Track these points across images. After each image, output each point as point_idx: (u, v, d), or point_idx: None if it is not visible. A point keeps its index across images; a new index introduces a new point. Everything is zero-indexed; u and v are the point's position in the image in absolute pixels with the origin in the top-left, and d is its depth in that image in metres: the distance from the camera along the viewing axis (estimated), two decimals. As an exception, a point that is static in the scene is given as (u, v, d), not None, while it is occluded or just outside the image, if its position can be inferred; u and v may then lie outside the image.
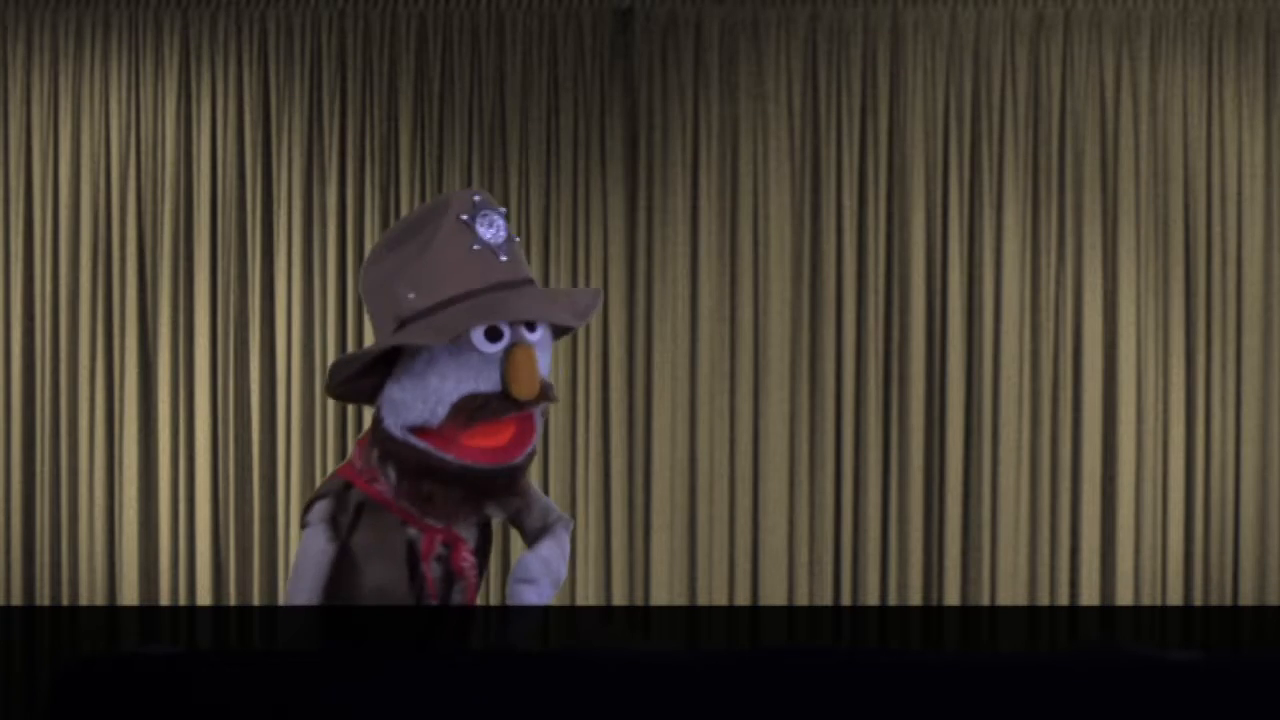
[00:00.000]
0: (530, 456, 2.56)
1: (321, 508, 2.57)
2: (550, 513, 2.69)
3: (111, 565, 5.96)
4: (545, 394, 2.55)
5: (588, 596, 5.91)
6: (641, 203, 5.98)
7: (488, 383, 2.50)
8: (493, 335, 2.51)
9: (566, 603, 5.93)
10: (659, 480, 5.94)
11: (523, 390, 2.48)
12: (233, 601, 5.94)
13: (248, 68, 5.98)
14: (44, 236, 5.99)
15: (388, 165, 5.98)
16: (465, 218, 2.52)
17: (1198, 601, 5.91)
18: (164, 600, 5.94)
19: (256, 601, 5.92)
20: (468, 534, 2.61)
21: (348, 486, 2.58)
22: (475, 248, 2.51)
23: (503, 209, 2.59)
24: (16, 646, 5.97)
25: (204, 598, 5.91)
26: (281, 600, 2.75)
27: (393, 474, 2.54)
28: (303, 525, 2.59)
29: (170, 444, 5.95)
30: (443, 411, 2.50)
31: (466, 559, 2.59)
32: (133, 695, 2.10)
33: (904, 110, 5.96)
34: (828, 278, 5.96)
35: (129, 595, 5.92)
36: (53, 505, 5.97)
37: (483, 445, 2.51)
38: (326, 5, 5.99)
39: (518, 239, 2.59)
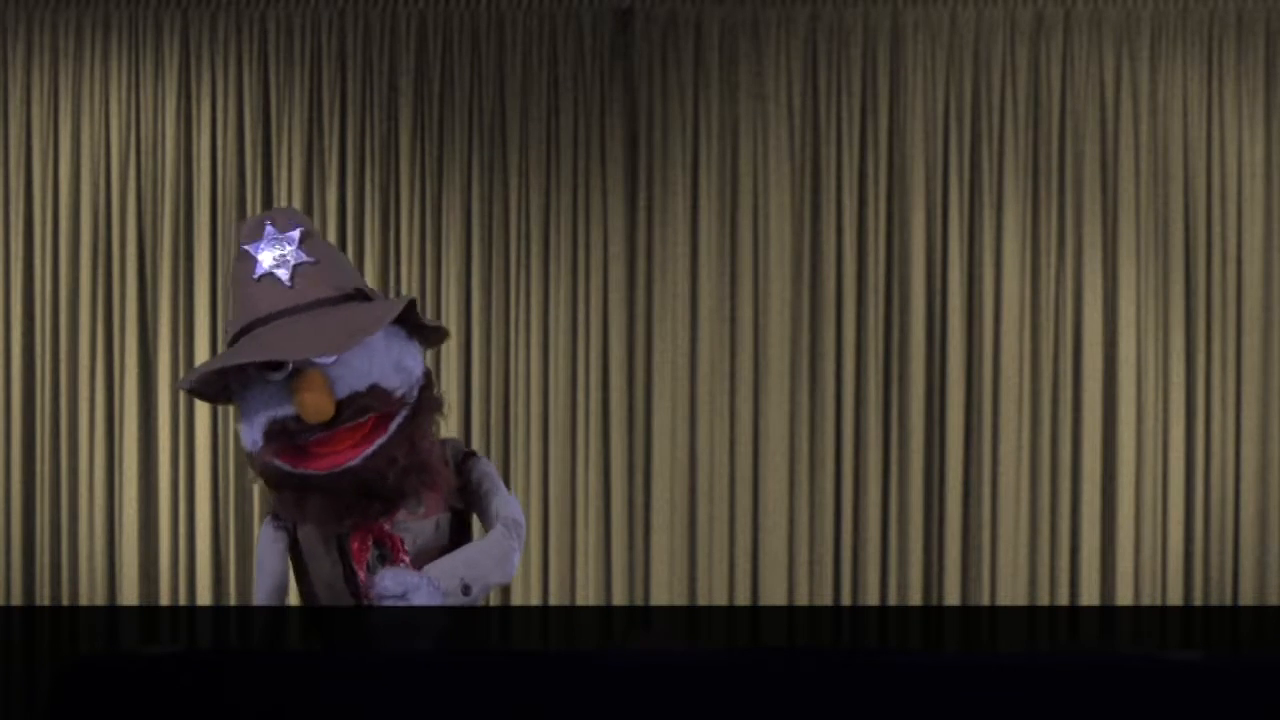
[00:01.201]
0: (376, 458, 2.58)
1: (269, 516, 2.75)
2: (499, 508, 2.73)
3: (111, 565, 5.96)
4: (363, 405, 2.58)
5: (588, 596, 5.90)
6: (641, 203, 5.98)
7: (283, 408, 2.57)
8: (272, 365, 2.57)
9: (567, 603, 5.93)
10: (659, 480, 5.94)
11: (307, 415, 2.54)
12: (233, 601, 5.93)
13: (248, 68, 5.98)
14: (44, 236, 5.99)
15: (388, 165, 5.97)
16: (247, 247, 2.60)
17: (1198, 601, 5.91)
18: (164, 600, 5.93)
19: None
20: (408, 534, 2.64)
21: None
22: (255, 277, 2.58)
23: (297, 229, 2.61)
24: (16, 646, 5.97)
25: (204, 598, 5.91)
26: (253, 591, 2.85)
27: (268, 488, 2.66)
28: None
29: (170, 444, 5.95)
30: (259, 438, 2.61)
31: (403, 560, 2.63)
32: (133, 695, 2.10)
33: (904, 110, 5.96)
34: (828, 278, 5.96)
35: (129, 595, 5.92)
36: (53, 505, 5.97)
37: (319, 454, 2.58)
38: (326, 5, 5.99)
39: (313, 259, 2.60)
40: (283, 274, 2.58)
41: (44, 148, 6.00)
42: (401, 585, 2.56)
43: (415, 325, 2.71)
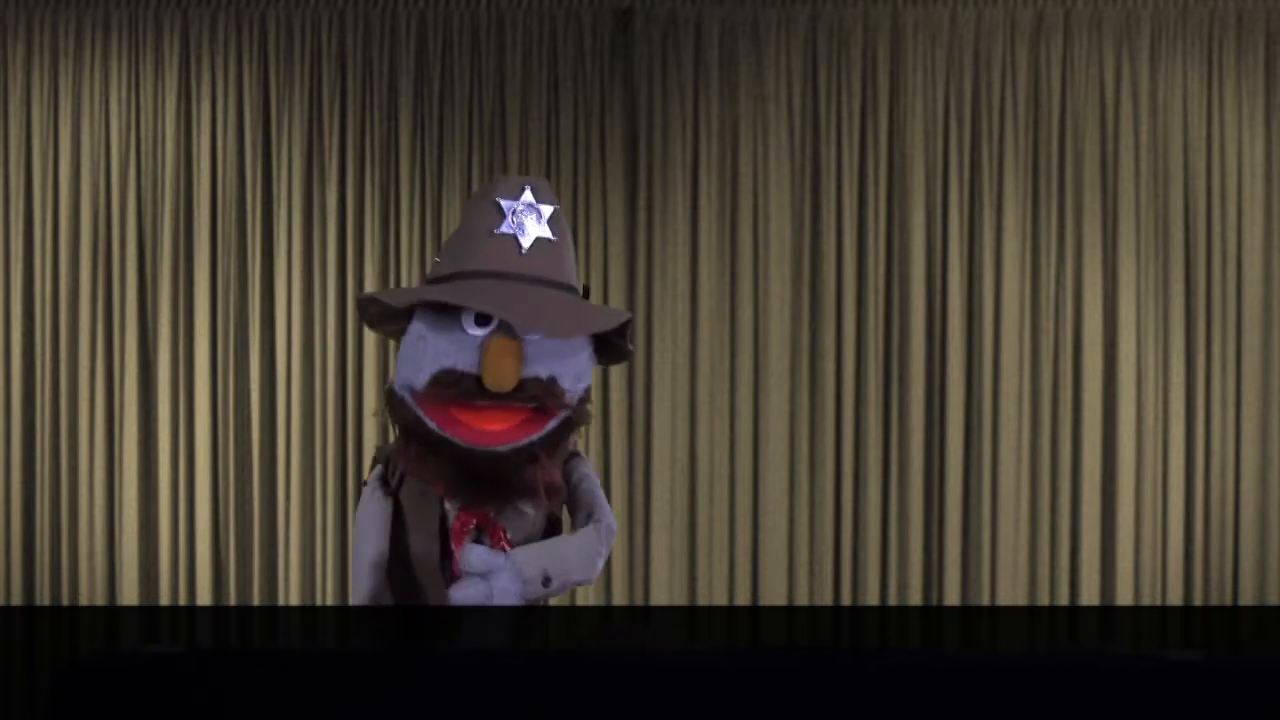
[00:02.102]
0: (523, 452, 2.56)
1: (377, 470, 2.67)
2: (594, 511, 2.71)
3: (111, 565, 5.96)
4: (544, 396, 2.56)
5: (588, 597, 5.90)
6: (641, 203, 5.98)
7: (466, 363, 2.55)
8: (481, 319, 2.54)
9: (567, 603, 5.93)
10: (659, 480, 5.94)
11: (489, 378, 2.52)
12: (233, 601, 5.93)
13: (248, 68, 5.98)
14: (44, 236, 5.99)
15: (388, 165, 5.98)
16: (500, 200, 2.57)
17: (1198, 601, 5.91)
18: (164, 600, 5.93)
19: (256, 601, 5.92)
20: (510, 521, 2.63)
21: (395, 453, 2.67)
22: (496, 231, 2.56)
23: (553, 206, 2.60)
24: (16, 646, 5.97)
25: (204, 598, 5.91)
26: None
27: (398, 433, 2.62)
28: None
29: (170, 444, 5.95)
30: (424, 378, 2.57)
31: (504, 546, 2.62)
32: (133, 695, 2.10)
33: (904, 110, 5.96)
34: (828, 278, 5.96)
35: (129, 595, 5.92)
36: (53, 505, 5.97)
37: (468, 423, 2.52)
38: (326, 5, 5.99)
39: (555, 239, 2.59)
40: (524, 241, 2.57)
41: (44, 148, 6.00)
42: (486, 563, 2.57)
43: (606, 340, 2.70)
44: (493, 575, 2.57)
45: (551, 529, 2.75)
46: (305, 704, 2.10)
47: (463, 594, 2.57)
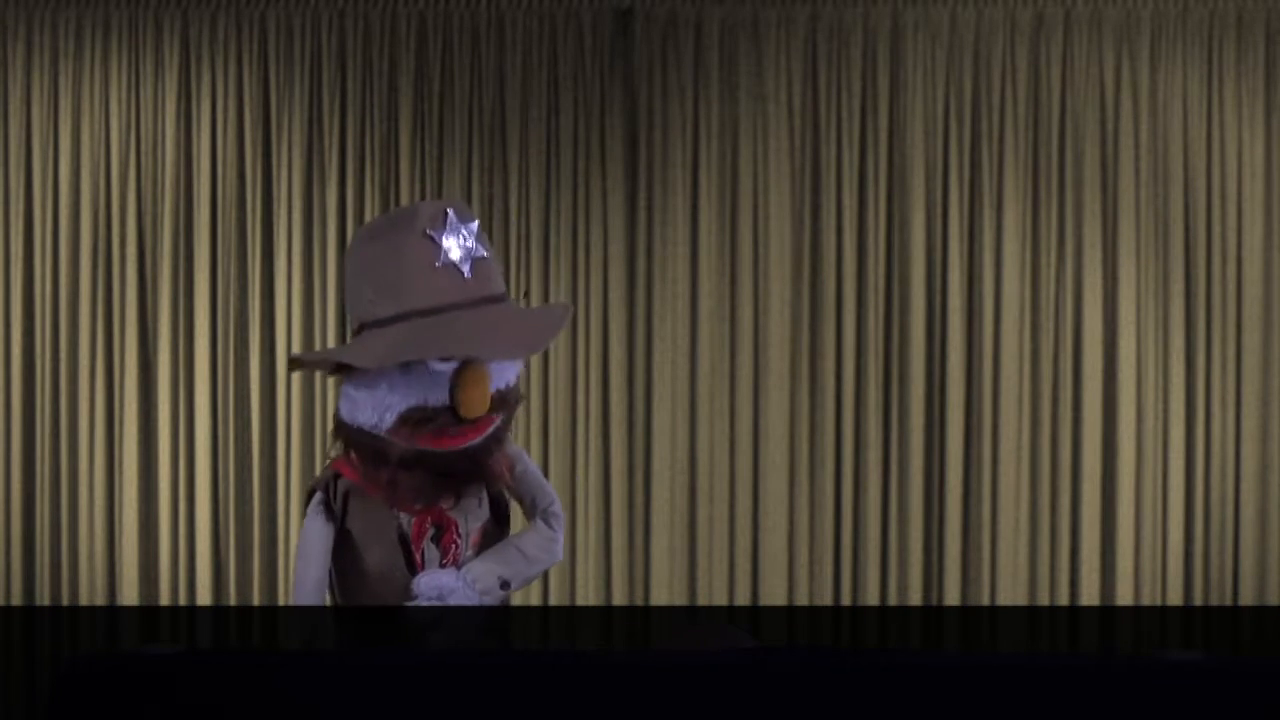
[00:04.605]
0: (488, 441, 2.59)
1: (318, 496, 2.68)
2: (538, 497, 2.76)
3: (111, 565, 5.96)
4: (502, 405, 2.58)
5: (588, 596, 5.91)
6: (641, 203, 5.98)
7: (436, 398, 2.56)
8: (444, 356, 2.55)
9: (567, 603, 5.93)
10: (659, 480, 5.94)
11: (470, 410, 2.55)
12: (233, 601, 5.94)
13: (248, 68, 5.98)
14: (44, 236, 5.99)
15: (388, 165, 5.98)
16: (431, 233, 2.54)
17: (1198, 601, 5.91)
18: (164, 600, 5.94)
19: (256, 601, 5.92)
20: (461, 515, 2.67)
21: (337, 475, 2.69)
22: (437, 264, 2.54)
23: (474, 222, 2.59)
24: (16, 646, 5.97)
25: (204, 598, 5.91)
26: (287, 586, 2.88)
27: (356, 462, 2.62)
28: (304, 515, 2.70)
29: (170, 444, 5.95)
30: (390, 419, 2.58)
31: (455, 541, 2.65)
32: (133, 695, 2.10)
33: (904, 110, 5.96)
34: (828, 278, 5.96)
35: (129, 595, 5.92)
36: (53, 505, 5.97)
37: (448, 435, 2.57)
38: (326, 5, 5.99)
39: (486, 254, 2.59)
40: (464, 267, 2.56)
41: (44, 148, 6.00)
42: (437, 589, 2.58)
43: None
44: (448, 596, 2.59)
45: (497, 506, 2.78)
46: (305, 704, 2.10)
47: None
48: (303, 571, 2.66)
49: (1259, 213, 5.94)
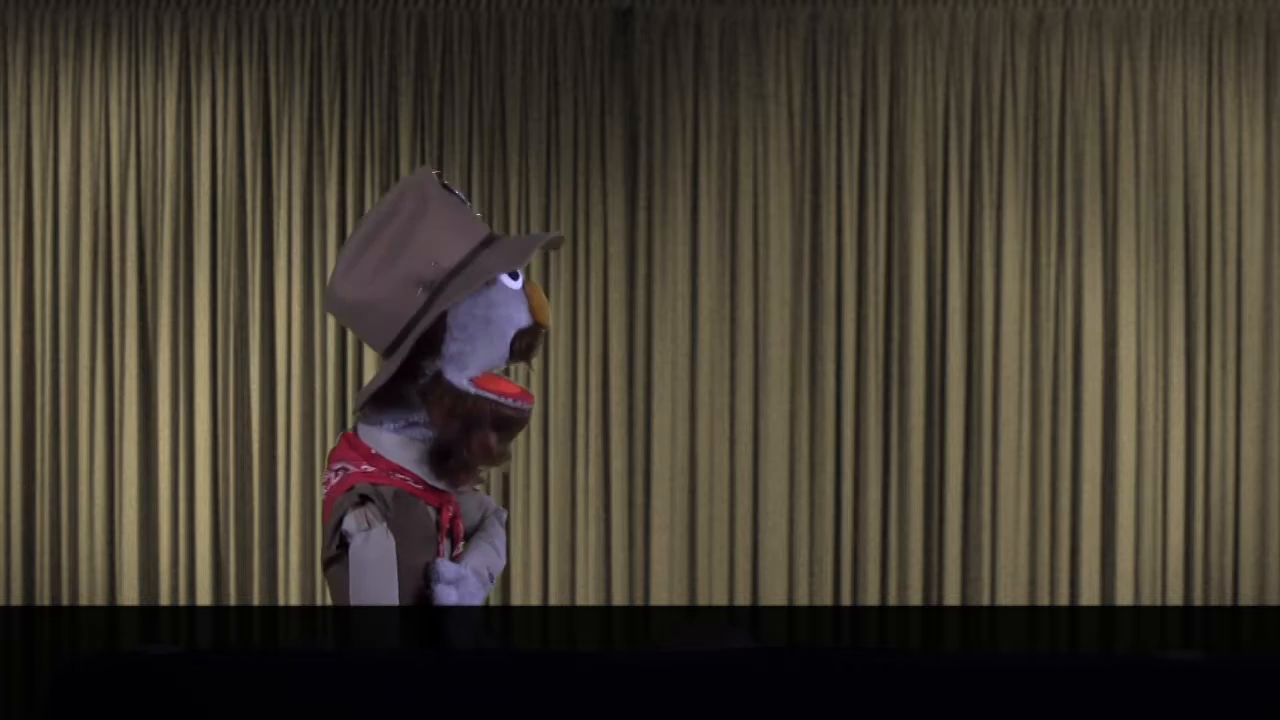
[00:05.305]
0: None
1: (369, 512, 2.60)
2: (485, 502, 2.80)
3: (111, 565, 5.96)
4: None
5: (588, 596, 5.90)
6: (641, 203, 5.98)
7: (523, 316, 2.68)
8: (513, 275, 2.68)
9: (567, 603, 5.93)
10: (659, 480, 5.94)
11: (544, 316, 2.71)
12: (233, 601, 5.93)
13: (248, 68, 5.98)
14: (44, 236, 5.99)
15: (388, 165, 5.97)
16: (445, 184, 2.70)
17: (1198, 601, 5.91)
18: (164, 600, 5.93)
19: (256, 601, 5.92)
20: (462, 503, 2.73)
21: (372, 488, 2.62)
22: (465, 203, 2.72)
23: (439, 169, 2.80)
24: (16, 646, 5.97)
25: (204, 598, 5.91)
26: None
27: (459, 431, 2.62)
28: (343, 542, 2.59)
29: (170, 444, 5.95)
30: (504, 347, 2.67)
31: (461, 522, 2.71)
32: (133, 695, 2.10)
33: (904, 110, 5.96)
34: (828, 278, 5.96)
35: (129, 595, 5.92)
36: (53, 505, 5.97)
37: (513, 391, 2.68)
38: (326, 5, 5.99)
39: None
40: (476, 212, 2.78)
41: (44, 148, 6.00)
42: (456, 574, 2.62)
43: None
44: (461, 583, 2.62)
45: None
46: (305, 704, 2.10)
47: (446, 598, 2.62)
48: (381, 593, 2.57)
49: (1259, 213, 5.94)
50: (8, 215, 6.00)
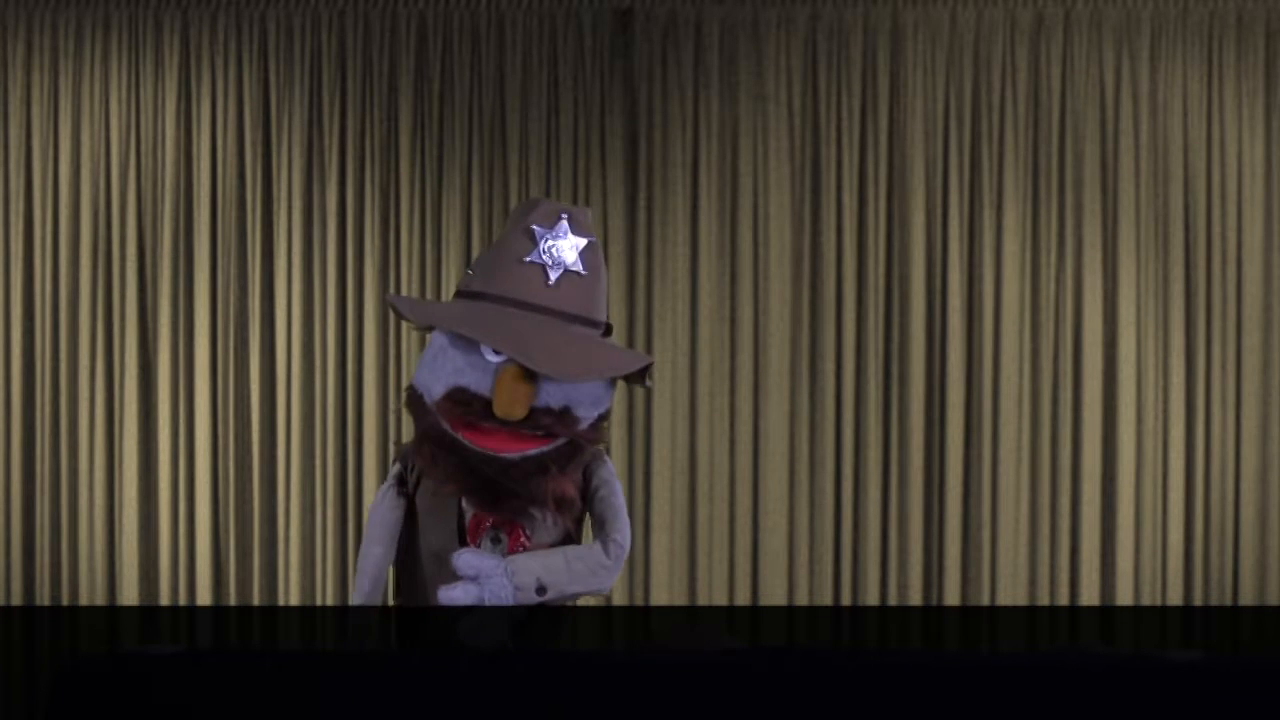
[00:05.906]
0: (531, 462, 2.55)
1: (394, 470, 2.69)
2: (607, 524, 2.68)
3: (111, 565, 5.96)
4: (560, 426, 2.54)
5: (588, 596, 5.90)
6: (641, 203, 5.98)
7: (480, 385, 2.54)
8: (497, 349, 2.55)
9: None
10: (659, 480, 5.94)
11: (499, 408, 2.52)
12: (233, 601, 5.93)
13: (248, 68, 5.98)
14: (44, 236, 5.99)
15: (388, 165, 5.98)
16: (536, 228, 2.56)
17: (1198, 601, 5.91)
18: (164, 600, 5.93)
19: (256, 601, 5.92)
20: (529, 524, 2.62)
21: (410, 447, 2.66)
22: (526, 259, 2.55)
23: (587, 239, 2.59)
24: (16, 646, 5.97)
25: (204, 598, 5.91)
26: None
27: (415, 431, 2.62)
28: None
29: (170, 444, 5.95)
30: (438, 390, 2.57)
31: (524, 544, 2.61)
32: (133, 695, 2.10)
33: (904, 110, 5.96)
34: (828, 278, 5.96)
35: (129, 595, 5.92)
36: (53, 505, 5.97)
37: (484, 432, 2.55)
38: (326, 5, 5.99)
39: (584, 272, 2.58)
40: (553, 273, 2.55)
41: (44, 148, 6.00)
42: (475, 568, 2.55)
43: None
44: (484, 579, 2.56)
45: (567, 540, 2.73)
46: (305, 704, 2.10)
47: (450, 595, 2.56)
48: (366, 548, 2.65)
49: (1259, 213, 5.94)
50: (8, 215, 6.00)
